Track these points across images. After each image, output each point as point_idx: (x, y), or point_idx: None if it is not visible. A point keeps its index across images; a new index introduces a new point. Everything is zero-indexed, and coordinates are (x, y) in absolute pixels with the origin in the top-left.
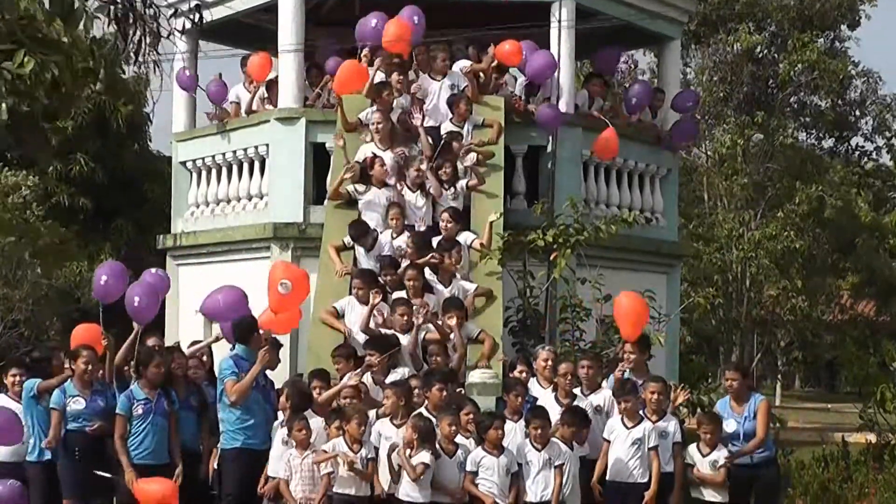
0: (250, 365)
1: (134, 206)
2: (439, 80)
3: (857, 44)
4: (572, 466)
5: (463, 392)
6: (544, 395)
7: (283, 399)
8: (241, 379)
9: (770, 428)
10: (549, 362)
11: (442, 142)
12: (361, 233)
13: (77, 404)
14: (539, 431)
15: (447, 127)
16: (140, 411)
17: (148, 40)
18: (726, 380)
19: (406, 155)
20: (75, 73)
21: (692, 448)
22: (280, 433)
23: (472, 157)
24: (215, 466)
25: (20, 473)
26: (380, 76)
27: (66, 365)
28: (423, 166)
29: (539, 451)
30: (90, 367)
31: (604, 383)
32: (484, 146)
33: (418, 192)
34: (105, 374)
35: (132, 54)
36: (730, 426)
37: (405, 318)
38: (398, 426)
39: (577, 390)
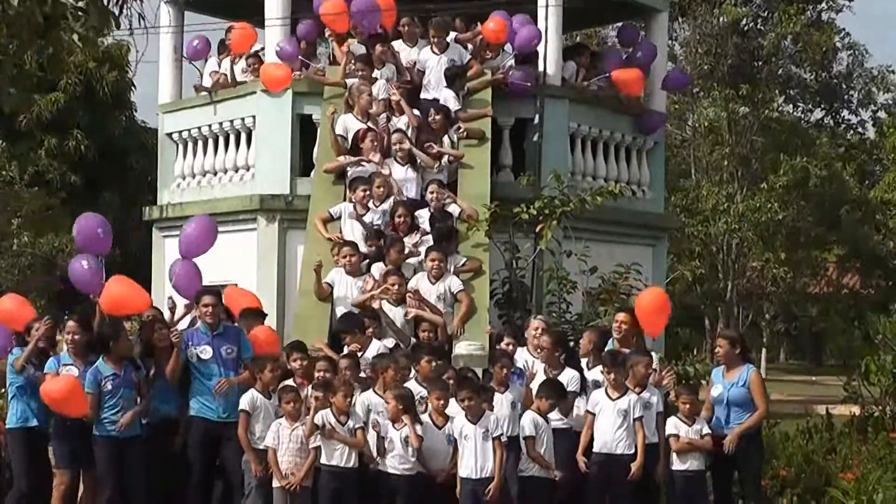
0: (206, 338)
1: (120, 179)
2: (438, 55)
3: (852, 11)
4: (547, 439)
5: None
6: (533, 365)
7: (266, 373)
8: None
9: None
10: (540, 331)
11: (434, 115)
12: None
13: (71, 373)
14: (467, 404)
15: (448, 101)
16: (109, 387)
17: None
18: (716, 347)
19: (388, 128)
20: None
21: (673, 420)
22: (264, 402)
23: (461, 131)
24: None
25: None
26: (360, 49)
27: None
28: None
29: (473, 423)
30: (79, 336)
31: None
32: (472, 121)
33: (408, 165)
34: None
35: (108, 10)
36: (715, 390)
37: (396, 288)
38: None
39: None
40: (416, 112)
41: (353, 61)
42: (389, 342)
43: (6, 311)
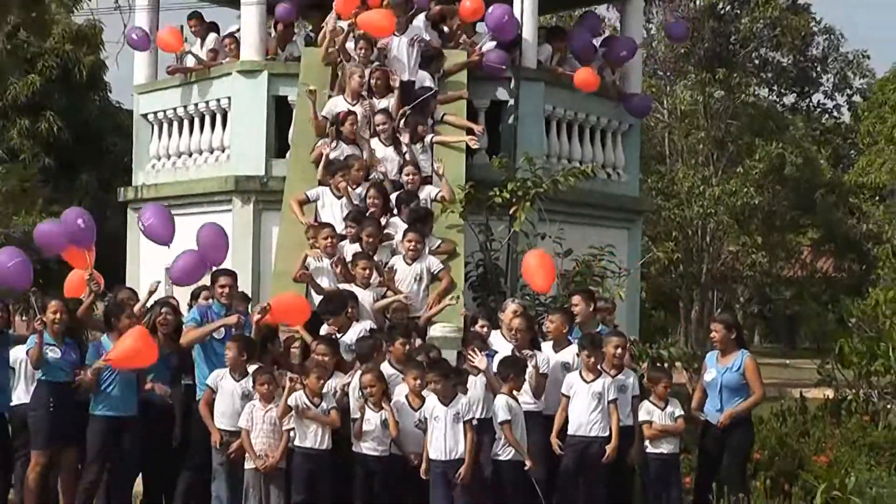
0: (217, 315)
1: (96, 160)
2: (399, 36)
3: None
4: (521, 423)
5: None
6: (506, 349)
7: (232, 352)
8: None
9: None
10: (517, 314)
11: (422, 97)
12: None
13: (53, 353)
14: (434, 386)
15: (423, 82)
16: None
17: None
18: (711, 332)
19: (373, 108)
20: None
21: (646, 404)
22: (229, 382)
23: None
24: None
25: None
26: (342, 26)
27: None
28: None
29: (444, 406)
30: (60, 316)
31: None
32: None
33: (392, 146)
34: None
35: None
36: (709, 375)
37: (366, 272)
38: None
39: (547, 345)
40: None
41: (355, 42)
42: (367, 324)
43: None
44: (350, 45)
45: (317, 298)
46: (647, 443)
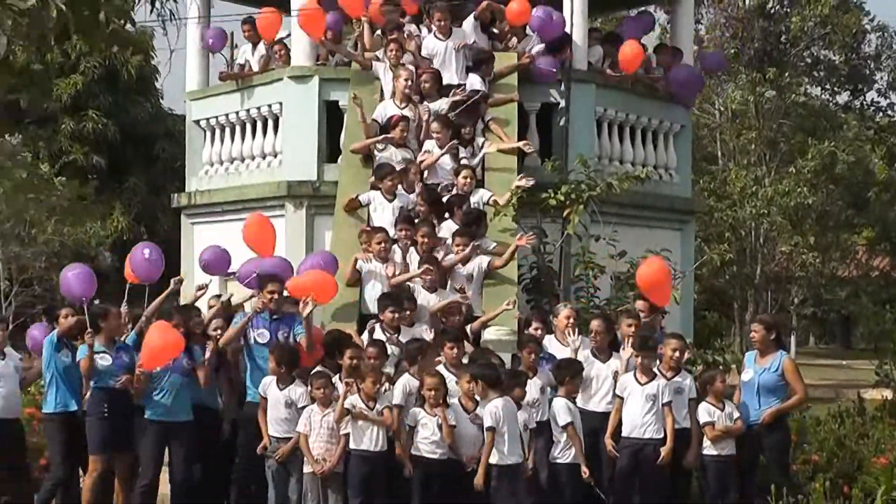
0: (265, 323)
1: (146, 165)
2: (444, 41)
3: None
4: (580, 425)
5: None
6: (562, 354)
7: (271, 363)
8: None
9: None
10: (571, 319)
11: (470, 101)
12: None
13: (103, 360)
14: (470, 386)
15: (473, 85)
16: (157, 370)
17: None
18: (751, 332)
19: (429, 112)
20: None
21: (705, 405)
22: (274, 392)
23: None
24: None
25: (9, 430)
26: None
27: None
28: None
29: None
30: (117, 324)
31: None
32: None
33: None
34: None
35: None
36: (746, 375)
37: (429, 277)
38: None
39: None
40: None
41: (385, 45)
42: (423, 328)
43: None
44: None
45: (369, 303)
46: (706, 444)
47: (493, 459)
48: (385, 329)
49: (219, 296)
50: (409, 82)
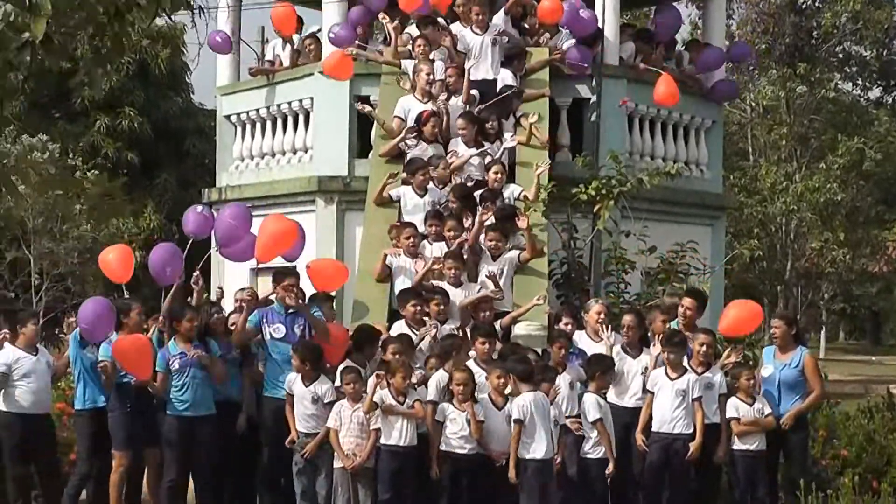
0: (280, 317)
1: (177, 160)
2: (481, 35)
3: None
4: (609, 421)
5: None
6: (593, 349)
7: (295, 361)
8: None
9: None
10: (602, 315)
11: (501, 95)
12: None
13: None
14: (500, 381)
15: (505, 80)
16: (177, 366)
17: None
18: (771, 328)
19: (447, 107)
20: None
21: (733, 400)
22: (299, 388)
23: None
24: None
25: (40, 425)
26: (414, 31)
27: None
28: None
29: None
30: (137, 321)
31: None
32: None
33: (474, 146)
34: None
35: None
36: (766, 371)
37: (454, 270)
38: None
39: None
40: (475, 92)
41: (413, 40)
42: (454, 324)
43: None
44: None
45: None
46: (734, 440)
47: (524, 454)
48: (409, 324)
49: (244, 289)
50: (431, 76)
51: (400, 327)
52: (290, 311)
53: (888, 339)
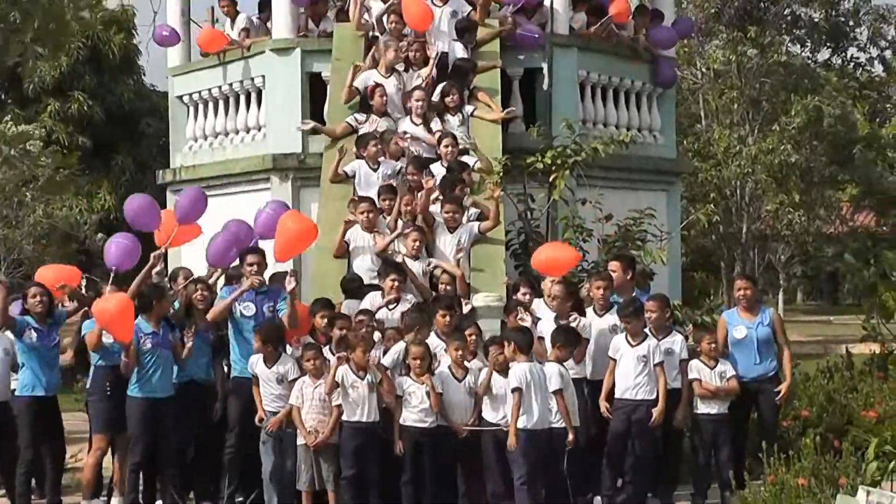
0: (251, 295)
1: (132, 142)
2: (441, 7)
3: None
4: (571, 391)
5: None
6: (549, 316)
7: (256, 342)
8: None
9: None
10: (554, 285)
11: (451, 67)
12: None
13: (107, 338)
14: (496, 359)
15: (456, 52)
16: (148, 345)
17: None
18: (738, 289)
19: (411, 78)
20: None
21: (695, 363)
22: (262, 370)
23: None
24: None
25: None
26: (378, 6)
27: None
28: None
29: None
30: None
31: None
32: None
33: (422, 124)
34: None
35: None
36: (739, 332)
37: (417, 244)
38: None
39: (589, 310)
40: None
41: (387, 15)
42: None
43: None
44: (383, 17)
45: (358, 273)
46: (697, 401)
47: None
48: (385, 297)
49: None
50: (398, 52)
51: (373, 299)
52: (260, 290)
53: (845, 299)
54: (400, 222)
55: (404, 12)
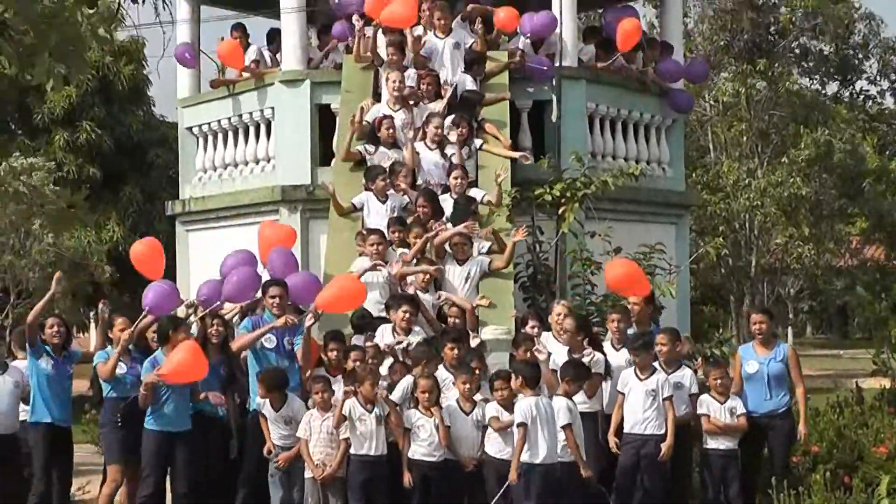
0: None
1: (140, 173)
2: (443, 39)
3: None
4: (579, 425)
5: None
6: (558, 350)
7: (261, 391)
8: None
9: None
10: (563, 316)
11: (459, 99)
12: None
13: (119, 369)
14: (501, 394)
15: (465, 85)
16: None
17: None
18: (754, 323)
19: (422, 112)
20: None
21: (705, 398)
22: (269, 412)
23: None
24: None
25: (10, 443)
26: (382, 38)
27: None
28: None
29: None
30: (125, 332)
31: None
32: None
33: (437, 149)
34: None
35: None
36: (751, 367)
37: (428, 277)
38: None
39: (606, 344)
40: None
41: (386, 46)
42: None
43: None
44: (382, 49)
45: (369, 305)
46: (705, 438)
47: (524, 457)
48: (395, 331)
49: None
50: (398, 84)
51: (384, 332)
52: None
53: (855, 332)
54: (409, 252)
55: (391, 19)
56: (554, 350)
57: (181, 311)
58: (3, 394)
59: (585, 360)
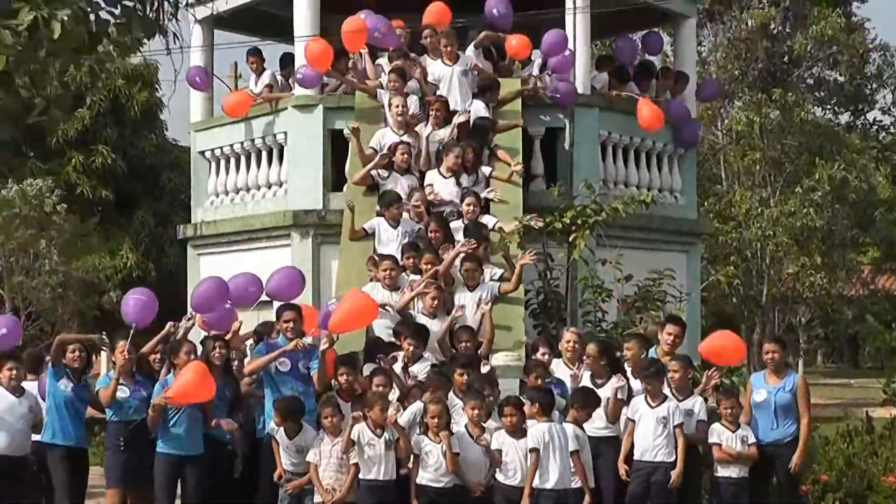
0: (287, 352)
1: (153, 197)
2: (450, 66)
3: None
4: (587, 452)
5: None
6: (569, 378)
7: (276, 418)
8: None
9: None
10: (573, 343)
11: (472, 125)
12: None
13: (121, 392)
14: (511, 420)
15: (478, 111)
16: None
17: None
18: (766, 352)
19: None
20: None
21: (717, 426)
22: (283, 439)
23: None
24: None
25: (12, 467)
26: (385, 63)
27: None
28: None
29: (517, 440)
30: (126, 356)
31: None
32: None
33: (452, 177)
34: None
35: (151, 20)
36: (759, 395)
37: (435, 302)
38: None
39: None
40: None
41: (387, 73)
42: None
43: None
44: (383, 77)
45: (376, 330)
46: (716, 466)
47: (536, 483)
48: (405, 359)
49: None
50: (402, 108)
51: (395, 362)
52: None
53: (866, 361)
54: (416, 278)
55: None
56: (563, 376)
57: (182, 325)
58: (19, 417)
59: (616, 387)
